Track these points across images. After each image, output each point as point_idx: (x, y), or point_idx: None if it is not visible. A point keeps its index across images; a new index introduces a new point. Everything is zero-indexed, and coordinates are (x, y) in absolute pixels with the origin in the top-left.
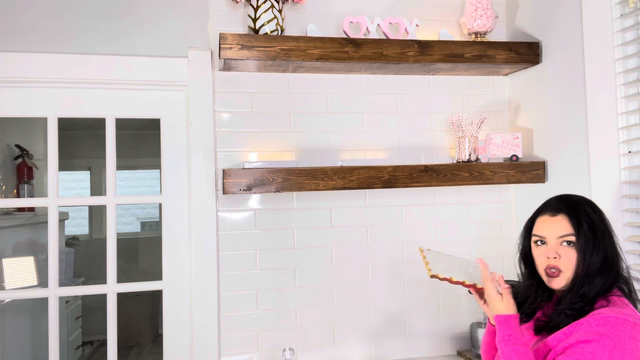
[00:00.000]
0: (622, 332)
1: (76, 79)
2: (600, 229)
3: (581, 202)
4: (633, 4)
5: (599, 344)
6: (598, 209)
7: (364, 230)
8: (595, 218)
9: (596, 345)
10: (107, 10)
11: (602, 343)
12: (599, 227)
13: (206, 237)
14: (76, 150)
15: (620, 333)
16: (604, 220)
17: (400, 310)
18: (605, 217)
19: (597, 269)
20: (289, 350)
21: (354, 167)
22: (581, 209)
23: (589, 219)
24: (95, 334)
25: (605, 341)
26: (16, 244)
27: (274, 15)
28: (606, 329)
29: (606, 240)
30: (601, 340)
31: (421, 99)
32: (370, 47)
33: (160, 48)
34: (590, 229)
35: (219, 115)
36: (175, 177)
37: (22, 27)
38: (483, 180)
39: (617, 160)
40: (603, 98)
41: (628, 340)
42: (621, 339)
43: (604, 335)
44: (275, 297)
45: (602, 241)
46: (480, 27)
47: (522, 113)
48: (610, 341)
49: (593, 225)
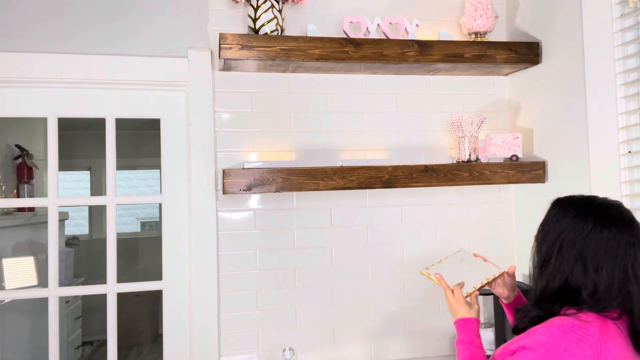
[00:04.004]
0: (558, 344)
1: (76, 79)
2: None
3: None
4: (633, 4)
5: (534, 353)
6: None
7: (364, 230)
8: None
9: (531, 353)
10: (107, 10)
11: (537, 352)
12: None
13: (206, 237)
14: (76, 150)
15: (557, 345)
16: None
17: (400, 310)
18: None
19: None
20: (289, 350)
21: (354, 167)
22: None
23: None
24: (95, 334)
25: (540, 351)
26: (16, 244)
27: (274, 15)
28: (544, 338)
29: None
30: (536, 349)
31: (421, 99)
32: (370, 47)
33: (160, 48)
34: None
35: (219, 115)
36: (175, 177)
37: (22, 27)
38: (483, 180)
39: (617, 160)
40: (603, 98)
41: (562, 353)
42: (555, 351)
43: (541, 345)
44: (275, 297)
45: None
46: (480, 27)
47: (522, 113)
48: (544, 351)
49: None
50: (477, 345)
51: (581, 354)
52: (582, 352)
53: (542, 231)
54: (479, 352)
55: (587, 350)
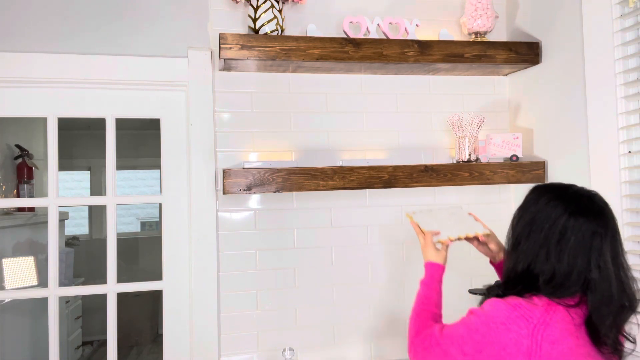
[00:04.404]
0: (498, 317)
1: (76, 79)
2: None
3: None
4: (633, 4)
5: (475, 318)
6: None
7: (364, 230)
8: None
9: (473, 317)
10: (107, 10)
11: (478, 318)
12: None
13: (206, 237)
14: (76, 150)
15: (497, 317)
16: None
17: (400, 310)
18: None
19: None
20: (289, 350)
21: (354, 167)
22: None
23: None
24: (95, 334)
25: (481, 318)
26: (16, 244)
27: (274, 15)
28: (490, 308)
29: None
30: (479, 316)
31: (421, 99)
32: (370, 47)
33: (160, 48)
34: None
35: (219, 115)
36: (175, 177)
37: (22, 27)
38: (483, 180)
39: (617, 160)
40: (603, 98)
41: (498, 325)
42: (493, 322)
43: (483, 313)
44: (275, 297)
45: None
46: (480, 27)
47: (522, 113)
48: (484, 319)
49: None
50: (435, 289)
51: (516, 331)
52: (518, 329)
53: (516, 215)
54: (435, 297)
55: (523, 329)
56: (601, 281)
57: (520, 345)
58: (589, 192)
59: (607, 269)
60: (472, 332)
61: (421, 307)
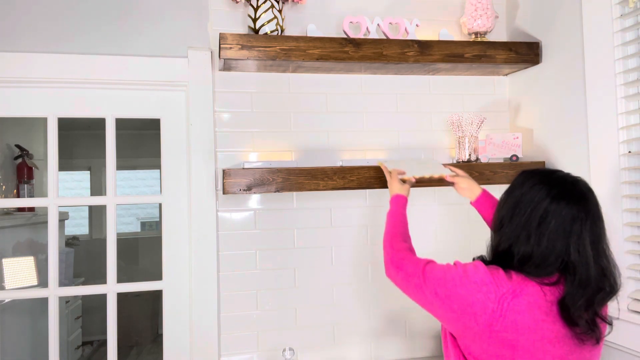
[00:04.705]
0: (473, 276)
1: (76, 79)
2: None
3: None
4: (633, 4)
5: (455, 269)
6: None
7: (364, 230)
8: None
9: (454, 268)
10: (107, 11)
11: (456, 270)
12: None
13: (206, 237)
14: (76, 150)
15: (471, 275)
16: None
17: (400, 310)
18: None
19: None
20: (289, 350)
21: (354, 167)
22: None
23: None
24: (95, 334)
25: (459, 271)
26: (16, 244)
27: (274, 15)
28: (470, 267)
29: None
30: (459, 268)
31: (421, 99)
32: (370, 47)
33: (160, 48)
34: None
35: (219, 115)
36: (175, 177)
37: (22, 27)
38: (483, 180)
39: (617, 160)
40: (603, 98)
41: (471, 283)
42: (466, 278)
43: (463, 268)
44: (275, 297)
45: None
46: (480, 27)
47: (522, 113)
48: (460, 273)
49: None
50: (403, 215)
51: (485, 293)
52: (487, 292)
53: (502, 198)
54: (403, 221)
55: (492, 293)
56: (579, 264)
57: (486, 307)
58: (573, 177)
59: (585, 253)
60: (448, 279)
61: (393, 230)
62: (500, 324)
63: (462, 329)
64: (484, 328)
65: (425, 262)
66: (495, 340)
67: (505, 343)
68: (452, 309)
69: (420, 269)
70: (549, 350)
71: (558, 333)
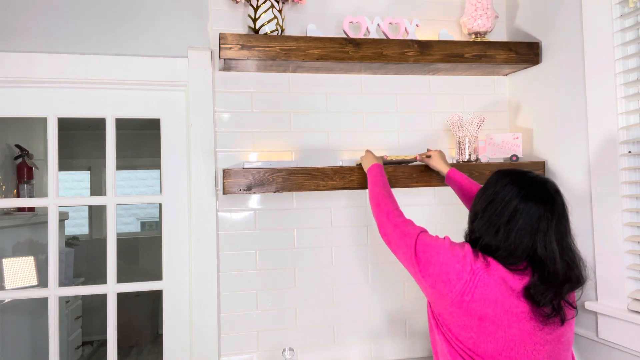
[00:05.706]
0: (455, 250)
1: (76, 79)
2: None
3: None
4: (633, 4)
5: (442, 241)
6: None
7: (363, 230)
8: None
9: (441, 240)
10: (107, 11)
11: (443, 242)
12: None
13: (206, 237)
14: (76, 150)
15: (454, 249)
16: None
17: (400, 310)
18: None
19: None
20: (289, 350)
21: (354, 167)
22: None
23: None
24: (95, 334)
25: (445, 244)
26: (16, 244)
27: (274, 15)
28: (456, 243)
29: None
30: (445, 242)
31: (421, 99)
32: (370, 47)
33: (160, 48)
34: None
35: (219, 115)
36: (175, 177)
37: (22, 27)
38: (483, 180)
39: (617, 160)
40: (603, 98)
41: (452, 255)
42: (449, 250)
43: (449, 242)
44: (275, 297)
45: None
46: (480, 27)
47: (522, 113)
48: (446, 245)
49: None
50: (384, 179)
51: (462, 264)
52: (464, 265)
53: (478, 194)
54: (386, 184)
55: (467, 266)
56: (547, 258)
57: (461, 277)
58: (543, 179)
59: (552, 249)
60: (433, 247)
61: (381, 193)
62: (472, 294)
63: (437, 296)
64: (456, 296)
65: (421, 230)
66: (465, 310)
67: (474, 314)
68: (429, 274)
69: (416, 234)
70: (515, 324)
71: (523, 309)
